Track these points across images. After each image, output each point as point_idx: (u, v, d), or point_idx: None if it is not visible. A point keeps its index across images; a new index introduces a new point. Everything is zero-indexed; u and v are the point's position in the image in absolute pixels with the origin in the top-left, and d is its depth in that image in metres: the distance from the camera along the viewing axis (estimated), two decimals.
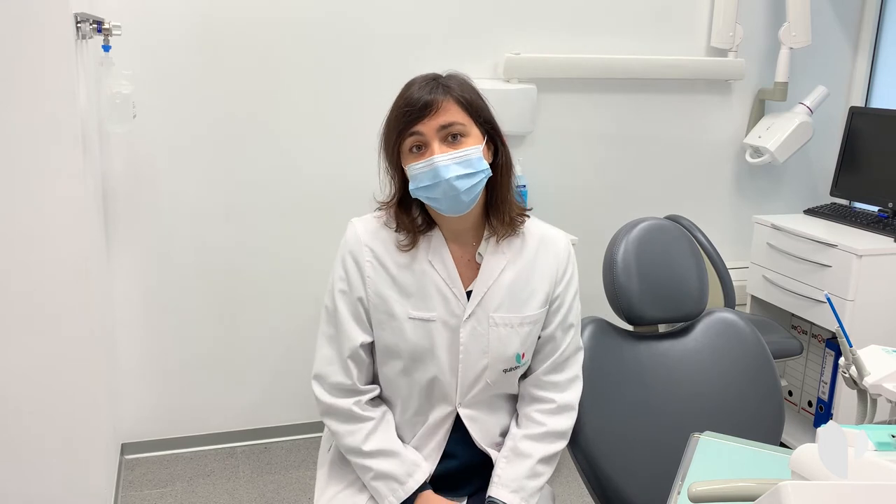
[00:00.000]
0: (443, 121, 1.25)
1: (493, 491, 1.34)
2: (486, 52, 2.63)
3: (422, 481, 1.34)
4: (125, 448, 2.59)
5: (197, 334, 2.57)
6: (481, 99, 1.32)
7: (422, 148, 1.27)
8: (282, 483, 2.48)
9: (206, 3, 2.36)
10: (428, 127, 1.25)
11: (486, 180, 1.30)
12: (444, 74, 1.32)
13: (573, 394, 1.41)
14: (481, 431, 1.39)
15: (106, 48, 1.93)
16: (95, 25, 1.86)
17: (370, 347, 1.37)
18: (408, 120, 1.25)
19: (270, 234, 2.56)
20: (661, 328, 1.59)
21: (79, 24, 1.77)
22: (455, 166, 1.24)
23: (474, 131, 1.29)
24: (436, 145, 1.25)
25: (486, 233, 1.36)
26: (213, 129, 2.44)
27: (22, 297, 1.76)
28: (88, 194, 1.86)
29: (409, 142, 1.27)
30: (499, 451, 1.40)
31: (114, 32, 1.91)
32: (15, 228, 1.73)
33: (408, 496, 1.33)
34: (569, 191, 2.82)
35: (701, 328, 1.58)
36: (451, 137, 1.26)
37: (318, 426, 2.68)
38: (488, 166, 1.29)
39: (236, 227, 2.53)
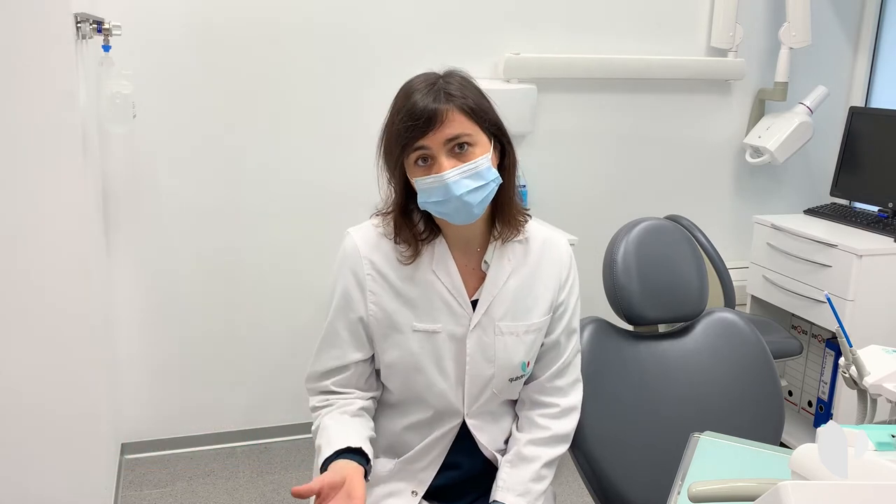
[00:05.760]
0: (449, 133, 1.19)
1: (499, 495, 1.32)
2: (486, 52, 2.62)
3: (337, 447, 1.21)
4: (125, 448, 2.59)
5: (197, 334, 2.57)
6: (485, 99, 1.26)
7: (428, 160, 1.21)
8: (282, 483, 2.48)
9: (205, 3, 2.35)
10: (433, 140, 1.19)
11: (497, 188, 1.25)
12: (442, 74, 1.26)
13: (575, 397, 1.41)
14: (489, 439, 1.37)
15: (106, 48, 1.93)
16: (95, 25, 1.86)
17: (365, 363, 1.34)
18: (412, 135, 1.19)
19: (270, 234, 2.56)
20: (661, 328, 1.59)
21: (79, 24, 1.77)
22: (465, 181, 1.19)
23: (482, 139, 1.22)
24: (443, 159, 1.19)
25: (491, 238, 1.32)
26: (213, 129, 2.44)
27: (22, 297, 1.76)
28: (88, 194, 1.86)
29: (414, 156, 1.21)
30: (503, 456, 1.38)
31: (114, 32, 1.91)
32: (15, 228, 1.73)
33: (323, 461, 1.21)
34: (569, 191, 2.82)
35: (701, 328, 1.58)
36: (459, 147, 1.20)
37: None
38: (498, 174, 1.25)
39: (236, 227, 2.53)
